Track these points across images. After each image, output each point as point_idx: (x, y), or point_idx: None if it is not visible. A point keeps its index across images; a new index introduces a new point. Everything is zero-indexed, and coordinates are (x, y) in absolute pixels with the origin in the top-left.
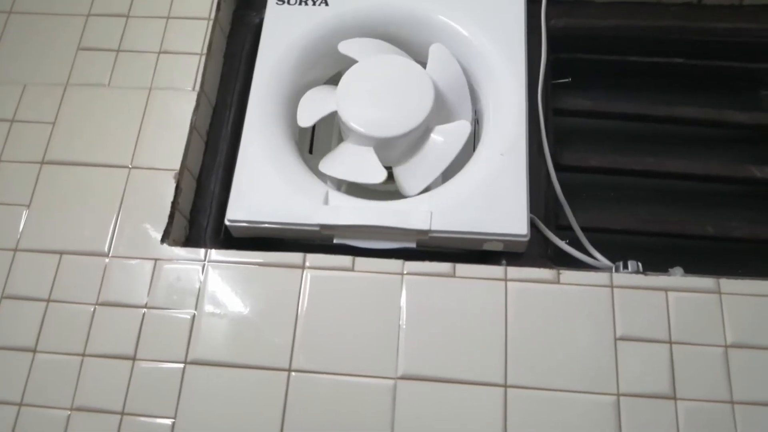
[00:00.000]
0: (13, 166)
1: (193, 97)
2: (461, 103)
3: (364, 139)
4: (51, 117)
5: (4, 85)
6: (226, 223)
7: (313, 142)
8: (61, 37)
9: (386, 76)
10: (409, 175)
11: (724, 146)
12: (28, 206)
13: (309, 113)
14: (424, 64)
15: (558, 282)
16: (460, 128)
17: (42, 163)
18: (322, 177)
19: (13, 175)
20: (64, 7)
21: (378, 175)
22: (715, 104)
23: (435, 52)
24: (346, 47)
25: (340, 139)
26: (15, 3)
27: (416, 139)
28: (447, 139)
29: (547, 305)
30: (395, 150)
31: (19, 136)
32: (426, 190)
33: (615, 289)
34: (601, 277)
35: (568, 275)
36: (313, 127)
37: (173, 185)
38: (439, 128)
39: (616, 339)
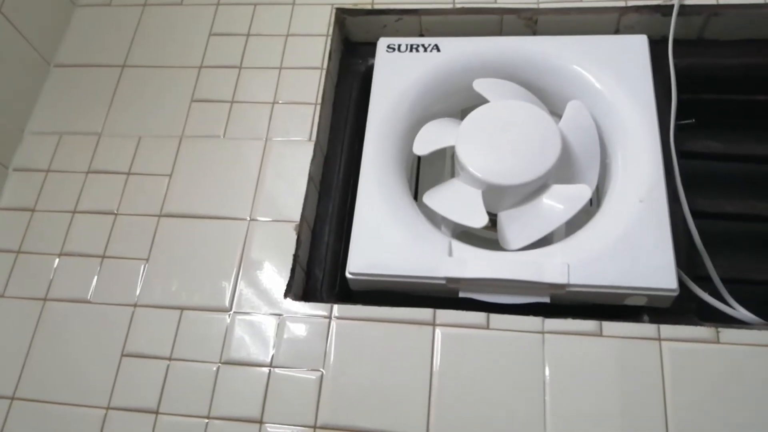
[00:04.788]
0: (131, 219)
1: (310, 147)
2: (588, 167)
3: (476, 182)
4: (167, 169)
5: (120, 138)
6: (347, 275)
7: (418, 189)
8: (175, 90)
9: (513, 122)
10: (514, 229)
11: None
12: (147, 260)
13: (426, 142)
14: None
15: (718, 341)
16: (580, 193)
17: (159, 216)
18: (435, 222)
19: (130, 228)
20: (176, 59)
21: (479, 220)
22: None
23: (572, 109)
24: (480, 85)
25: (452, 175)
26: (128, 57)
27: (531, 192)
28: (563, 201)
29: (709, 367)
30: (506, 199)
31: (135, 189)
32: (528, 247)
33: None
34: (766, 335)
35: (729, 333)
36: (417, 174)
37: (294, 237)
38: (557, 187)
39: None
